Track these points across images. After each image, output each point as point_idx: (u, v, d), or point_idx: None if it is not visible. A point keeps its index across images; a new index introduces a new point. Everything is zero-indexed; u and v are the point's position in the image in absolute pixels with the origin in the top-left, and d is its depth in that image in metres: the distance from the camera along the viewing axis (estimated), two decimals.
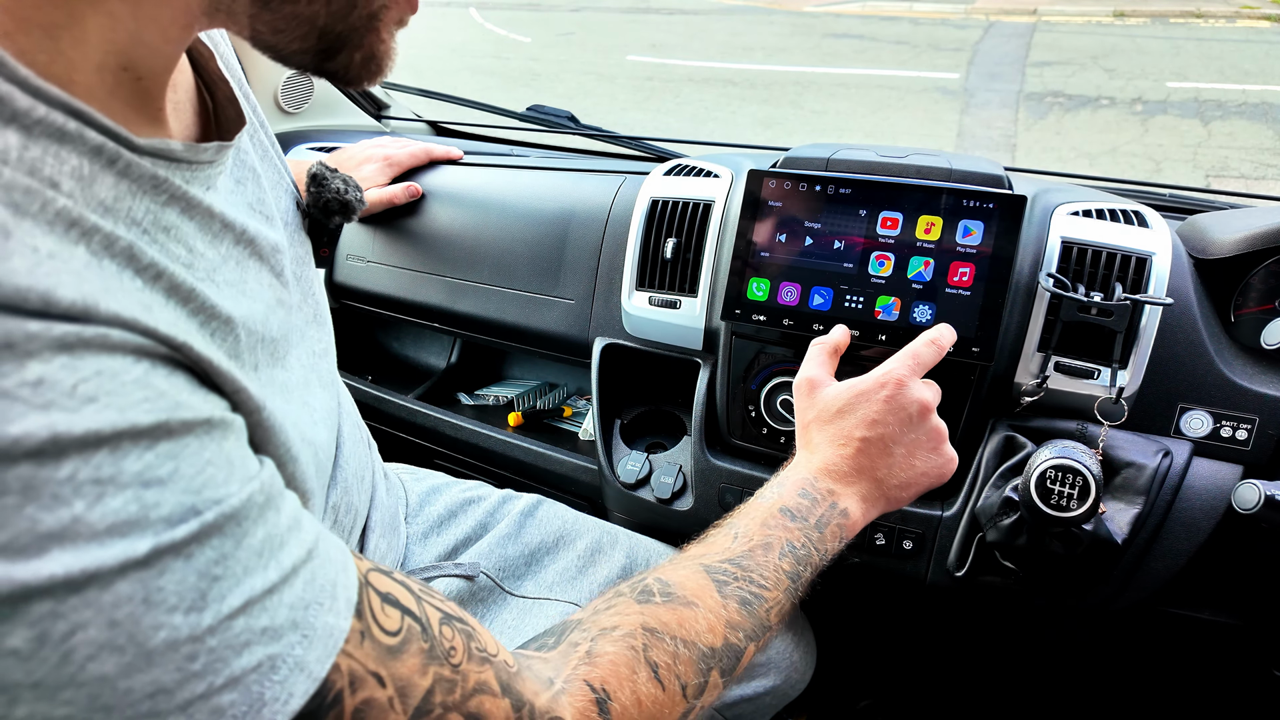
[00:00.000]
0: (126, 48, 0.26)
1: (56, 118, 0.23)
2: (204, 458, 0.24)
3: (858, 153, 0.66)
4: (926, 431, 0.51)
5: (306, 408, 0.35)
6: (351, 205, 0.46)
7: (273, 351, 0.33)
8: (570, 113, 0.99)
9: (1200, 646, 0.74)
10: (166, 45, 0.28)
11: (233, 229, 0.32)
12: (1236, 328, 0.63)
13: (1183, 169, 3.40)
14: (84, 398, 0.21)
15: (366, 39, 0.30)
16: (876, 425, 0.49)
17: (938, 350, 0.53)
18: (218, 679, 0.23)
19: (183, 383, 0.25)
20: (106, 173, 0.25)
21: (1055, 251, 0.60)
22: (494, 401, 0.97)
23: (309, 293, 0.41)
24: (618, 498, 0.74)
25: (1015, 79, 4.73)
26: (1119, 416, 0.58)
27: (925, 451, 0.51)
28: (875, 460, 0.49)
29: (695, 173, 0.73)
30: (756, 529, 0.46)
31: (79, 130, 0.24)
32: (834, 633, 0.83)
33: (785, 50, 5.89)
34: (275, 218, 0.38)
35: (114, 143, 0.25)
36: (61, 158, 0.23)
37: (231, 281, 0.31)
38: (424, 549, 0.59)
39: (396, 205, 0.84)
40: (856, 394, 0.50)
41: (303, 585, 0.26)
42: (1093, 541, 0.56)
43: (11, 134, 0.22)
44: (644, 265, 0.71)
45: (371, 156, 0.83)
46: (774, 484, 0.50)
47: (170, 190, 0.28)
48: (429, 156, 0.87)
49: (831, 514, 0.48)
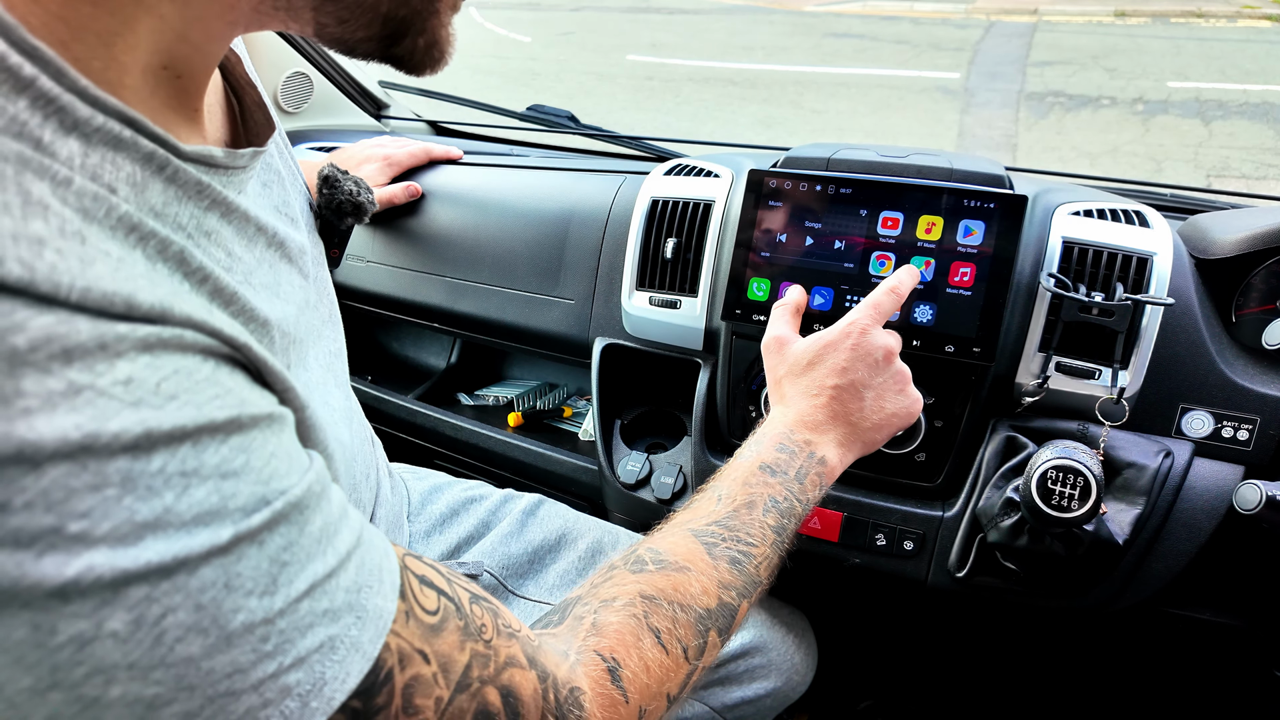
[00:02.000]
0: (170, 46, 0.27)
1: (113, 126, 0.24)
2: (269, 450, 0.25)
3: (858, 152, 0.66)
4: (893, 375, 0.53)
5: (327, 407, 0.36)
6: (364, 207, 0.46)
7: (301, 353, 0.34)
8: (570, 112, 0.99)
9: (1201, 647, 0.74)
10: (209, 44, 0.29)
11: (265, 232, 0.33)
12: (1238, 328, 0.63)
13: (1184, 169, 3.39)
14: (167, 395, 0.22)
15: (429, 23, 0.31)
16: (846, 373, 0.51)
17: (897, 298, 0.54)
18: (286, 659, 0.25)
19: (243, 381, 0.26)
20: (156, 179, 0.26)
21: (1056, 251, 0.60)
22: (494, 402, 0.97)
23: (324, 292, 0.42)
24: (618, 498, 0.74)
25: (1016, 79, 4.73)
26: (1120, 417, 0.58)
27: (893, 393, 0.53)
28: (848, 405, 0.51)
29: (695, 172, 0.73)
30: (739, 489, 0.47)
31: (133, 138, 0.25)
32: (835, 634, 0.83)
33: (786, 50, 5.89)
34: (298, 219, 0.39)
35: (163, 150, 0.26)
36: (117, 164, 0.24)
37: (267, 284, 0.32)
38: (426, 547, 0.59)
39: (396, 205, 0.84)
40: (824, 345, 0.52)
41: (355, 569, 0.28)
42: (1094, 542, 0.56)
43: (74, 142, 0.23)
44: (644, 265, 0.71)
45: (371, 156, 0.83)
46: (752, 441, 0.51)
47: (211, 196, 0.29)
48: (429, 156, 0.87)
49: (810, 464, 0.50)
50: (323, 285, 0.42)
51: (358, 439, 0.47)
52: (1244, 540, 0.60)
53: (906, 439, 0.63)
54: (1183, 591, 0.63)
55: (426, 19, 0.30)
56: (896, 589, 0.66)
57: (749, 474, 0.48)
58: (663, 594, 0.40)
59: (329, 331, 0.40)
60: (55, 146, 0.22)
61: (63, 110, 0.23)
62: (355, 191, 0.46)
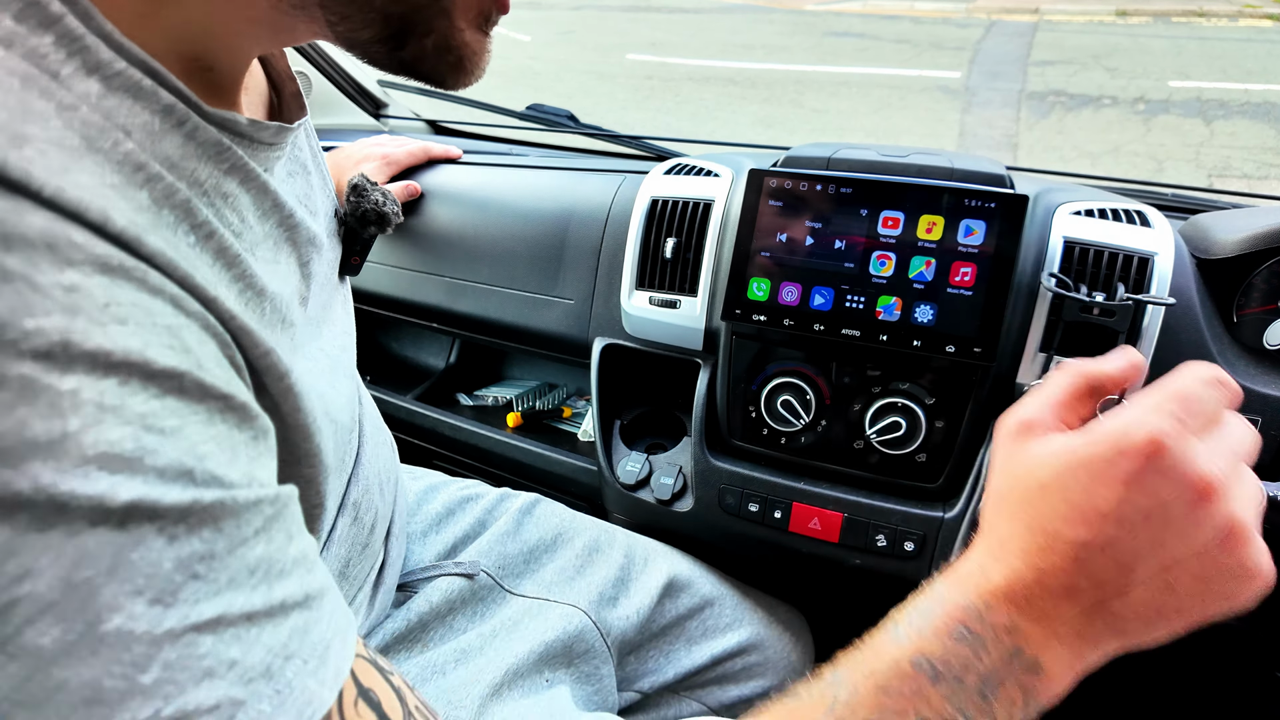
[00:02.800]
0: (197, 38, 0.27)
1: (134, 73, 0.24)
2: (212, 432, 0.22)
3: (859, 152, 0.65)
4: (1212, 532, 0.27)
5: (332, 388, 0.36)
6: (388, 217, 0.46)
7: (293, 336, 0.33)
8: (570, 112, 0.99)
9: (1201, 648, 0.74)
10: (235, 40, 0.29)
11: (280, 210, 0.33)
12: (1239, 328, 0.63)
13: (1185, 168, 3.39)
14: (114, 317, 0.20)
15: (435, 23, 0.29)
16: (1107, 522, 0.28)
17: (1224, 393, 0.31)
18: (166, 707, 0.19)
19: (212, 351, 0.24)
20: (175, 132, 0.26)
21: (1057, 251, 0.60)
22: (493, 402, 0.97)
23: (336, 292, 0.42)
24: (617, 499, 0.74)
25: (1017, 78, 4.72)
26: None
27: (1200, 568, 0.28)
28: (1102, 575, 0.28)
29: (695, 172, 0.73)
30: (870, 698, 0.28)
31: (153, 88, 0.24)
32: (833, 634, 0.83)
33: (786, 49, 5.88)
34: (319, 216, 0.39)
35: (184, 105, 0.26)
36: (134, 111, 0.24)
37: (268, 259, 0.32)
38: (424, 547, 0.59)
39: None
40: (1077, 461, 0.29)
41: (290, 631, 0.23)
42: None
43: (93, 83, 0.23)
44: (644, 265, 0.71)
45: (370, 155, 0.83)
46: (912, 610, 0.31)
47: (233, 160, 0.29)
48: (428, 155, 0.87)
49: (1009, 668, 0.29)
50: (330, 287, 0.41)
51: (373, 442, 0.47)
52: None
53: (907, 440, 0.62)
54: None
55: (431, 19, 0.29)
56: (896, 590, 0.66)
57: (894, 672, 0.29)
58: None
59: (329, 331, 0.39)
60: (72, 82, 0.22)
61: (86, 50, 0.22)
62: (381, 202, 0.46)
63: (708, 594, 0.64)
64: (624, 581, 0.61)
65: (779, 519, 0.66)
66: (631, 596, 0.60)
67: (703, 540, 0.71)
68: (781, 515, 0.66)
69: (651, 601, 0.61)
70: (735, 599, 0.66)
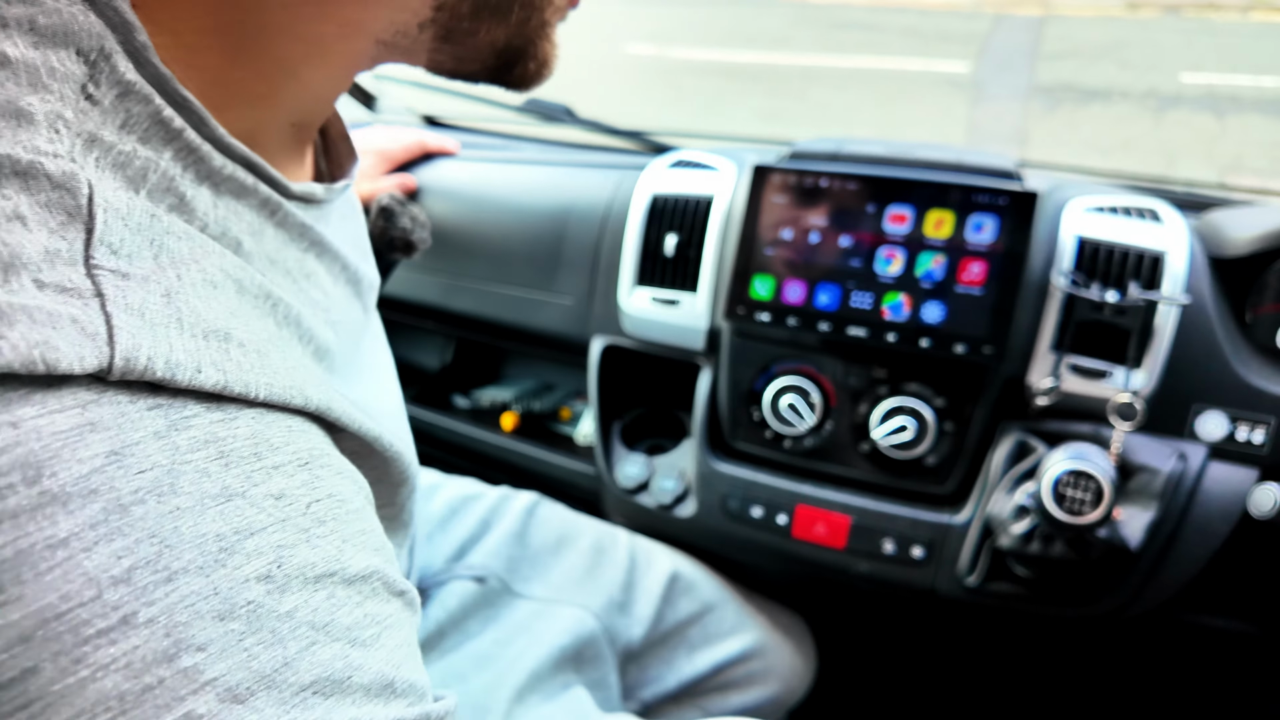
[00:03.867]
0: (306, 106, 0.28)
1: (239, 173, 0.24)
2: (403, 636, 0.22)
3: (865, 146, 0.64)
4: None
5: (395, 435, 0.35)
6: (414, 245, 0.45)
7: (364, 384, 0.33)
8: (567, 105, 0.97)
9: (1216, 654, 0.73)
10: (334, 96, 0.30)
11: (347, 268, 0.32)
12: (1252, 328, 0.61)
13: (1197, 164, 3.35)
14: (316, 519, 0.20)
15: (540, 47, 0.30)
16: None
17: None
18: None
19: (371, 518, 0.24)
20: (269, 223, 0.26)
21: (1068, 248, 0.58)
22: (489, 403, 0.96)
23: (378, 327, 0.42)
24: (617, 503, 0.73)
25: (1026, 71, 4.68)
26: (1134, 418, 0.56)
27: None
28: None
29: (697, 167, 0.72)
30: None
31: (254, 184, 0.25)
32: (839, 642, 0.82)
33: (790, 40, 5.84)
34: (368, 251, 0.39)
35: (276, 193, 0.26)
36: (239, 212, 0.24)
37: (347, 320, 0.32)
38: (432, 550, 0.59)
39: None
40: None
41: None
42: (1107, 548, 0.55)
43: (205, 190, 0.23)
44: (644, 262, 0.69)
45: (364, 151, 0.82)
46: None
47: (311, 236, 0.29)
48: (423, 149, 0.85)
49: None
50: (375, 318, 0.41)
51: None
52: (1259, 545, 0.59)
53: (915, 443, 0.61)
54: (1197, 598, 0.62)
55: (539, 44, 0.30)
56: (903, 596, 0.64)
57: None
58: None
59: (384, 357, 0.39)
60: (191, 198, 0.22)
61: (200, 160, 0.22)
62: (410, 229, 0.45)
63: (709, 599, 0.64)
64: (630, 585, 0.61)
65: (783, 524, 0.65)
66: (637, 601, 0.61)
67: (705, 546, 0.70)
68: (785, 520, 0.65)
69: (655, 605, 0.61)
70: (736, 604, 0.65)
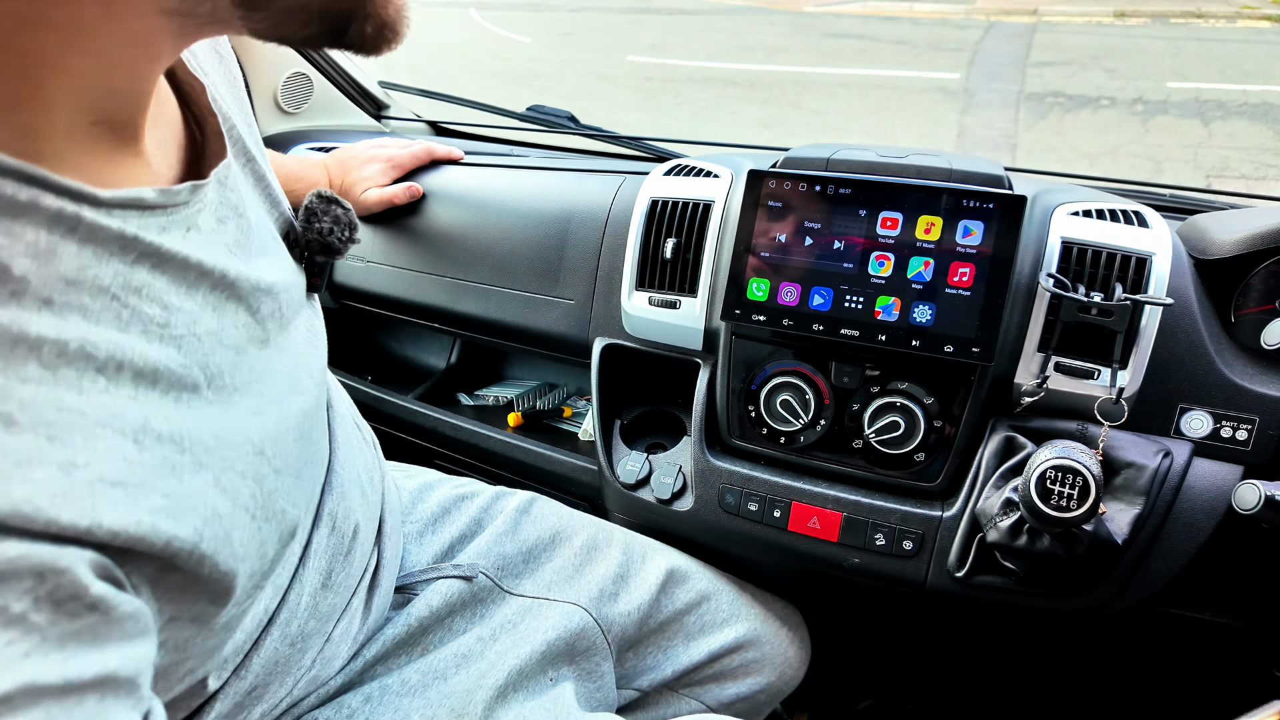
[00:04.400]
0: (97, 101, 0.25)
1: (7, 187, 0.21)
2: None
3: (858, 153, 0.66)
4: None
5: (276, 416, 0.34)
6: (332, 246, 0.43)
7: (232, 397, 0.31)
8: (570, 113, 0.99)
9: (1201, 648, 0.74)
10: (139, 84, 0.27)
11: (211, 275, 0.30)
12: (1237, 328, 0.63)
13: (1183, 169, 3.39)
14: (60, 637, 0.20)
15: (371, 8, 0.28)
16: None
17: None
18: None
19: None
20: (68, 241, 0.23)
21: (1055, 251, 0.60)
22: (494, 402, 0.97)
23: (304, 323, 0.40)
24: (618, 498, 0.74)
25: (1016, 79, 4.73)
26: (1119, 417, 0.58)
27: None
28: None
29: (695, 173, 0.73)
30: None
31: (33, 199, 0.22)
32: (832, 632, 0.83)
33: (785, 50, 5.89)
34: (267, 252, 0.37)
35: (75, 204, 0.23)
36: (14, 234, 0.21)
37: (211, 331, 0.30)
38: (420, 548, 0.59)
39: (397, 205, 0.84)
40: None
41: None
42: (1093, 542, 0.56)
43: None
44: (644, 265, 0.71)
45: (375, 157, 0.83)
46: None
47: (139, 247, 0.26)
48: (430, 156, 0.87)
49: None
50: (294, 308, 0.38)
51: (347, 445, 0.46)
52: (1243, 540, 0.60)
53: (906, 440, 0.63)
54: (1182, 592, 0.63)
55: (366, 5, 0.28)
56: (894, 588, 0.66)
57: None
58: None
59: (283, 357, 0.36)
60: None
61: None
62: (327, 230, 0.42)
63: (705, 588, 0.65)
64: (623, 578, 0.61)
65: (778, 518, 0.66)
66: (631, 591, 0.61)
67: (702, 540, 0.72)
68: (780, 514, 0.66)
69: (651, 596, 0.61)
70: (732, 593, 0.66)
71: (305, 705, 0.45)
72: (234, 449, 0.29)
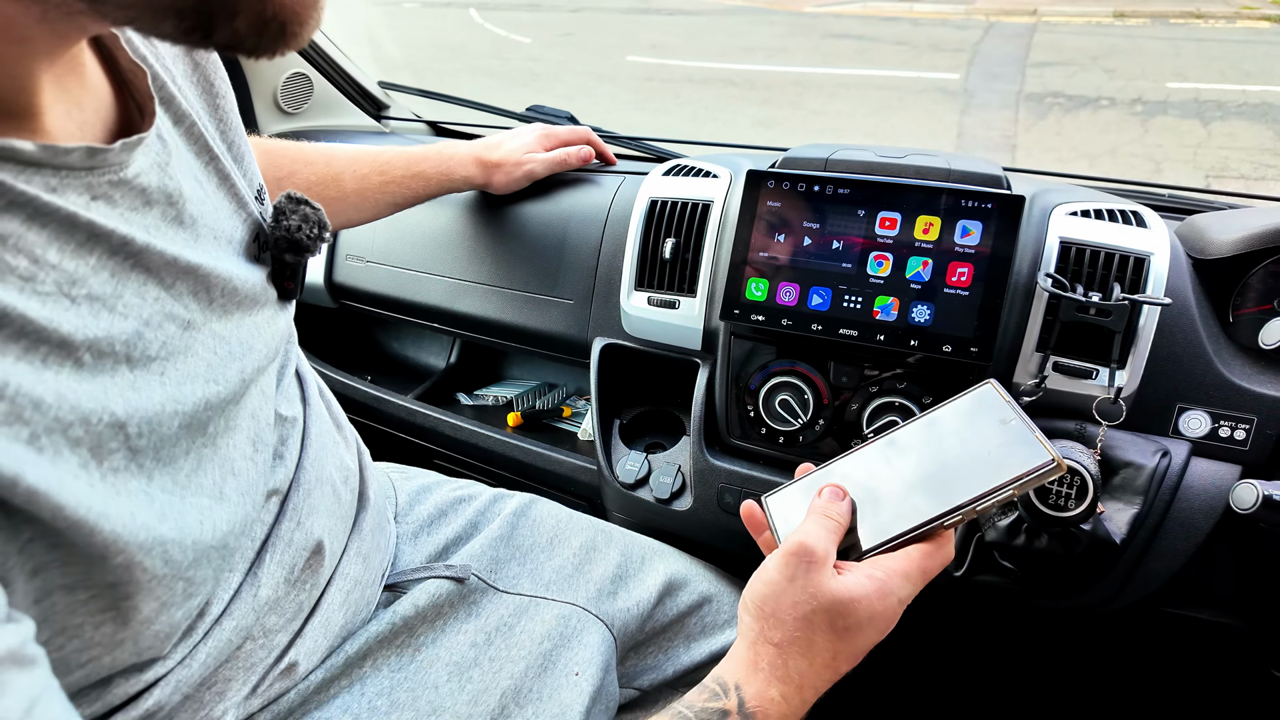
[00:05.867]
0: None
1: None
2: None
3: (856, 153, 0.66)
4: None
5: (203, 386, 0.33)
6: (301, 244, 0.42)
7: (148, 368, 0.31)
8: (570, 113, 0.99)
9: (1199, 646, 0.74)
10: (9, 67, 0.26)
11: (108, 239, 0.29)
12: (1235, 328, 0.63)
13: (1183, 169, 3.40)
14: None
15: (237, 5, 0.25)
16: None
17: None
18: None
19: None
20: None
21: (1054, 251, 0.60)
22: (493, 402, 0.98)
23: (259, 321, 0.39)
24: (617, 498, 0.74)
25: (1015, 79, 4.73)
26: (1117, 416, 0.58)
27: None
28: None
29: (694, 173, 0.73)
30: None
31: None
32: None
33: (785, 51, 5.89)
34: (214, 245, 0.36)
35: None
36: None
37: (99, 295, 0.29)
38: (414, 549, 0.58)
39: (570, 168, 0.81)
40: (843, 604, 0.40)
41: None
42: (1091, 541, 0.56)
43: None
44: (643, 265, 0.71)
45: (531, 128, 0.81)
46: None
47: (9, 195, 0.26)
48: (588, 138, 0.83)
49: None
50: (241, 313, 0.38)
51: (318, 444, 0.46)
52: (1241, 540, 0.61)
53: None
54: (1180, 591, 0.63)
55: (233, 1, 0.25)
56: None
57: None
58: None
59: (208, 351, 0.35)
60: None
61: None
62: (295, 228, 0.41)
63: (705, 591, 0.64)
64: (622, 578, 0.61)
65: None
66: (630, 592, 0.60)
67: (701, 539, 0.72)
68: None
69: (651, 599, 0.61)
70: (733, 595, 0.66)
71: (285, 704, 0.44)
72: (79, 414, 0.28)
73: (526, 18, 7.33)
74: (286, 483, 0.43)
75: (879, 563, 0.41)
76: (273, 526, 0.41)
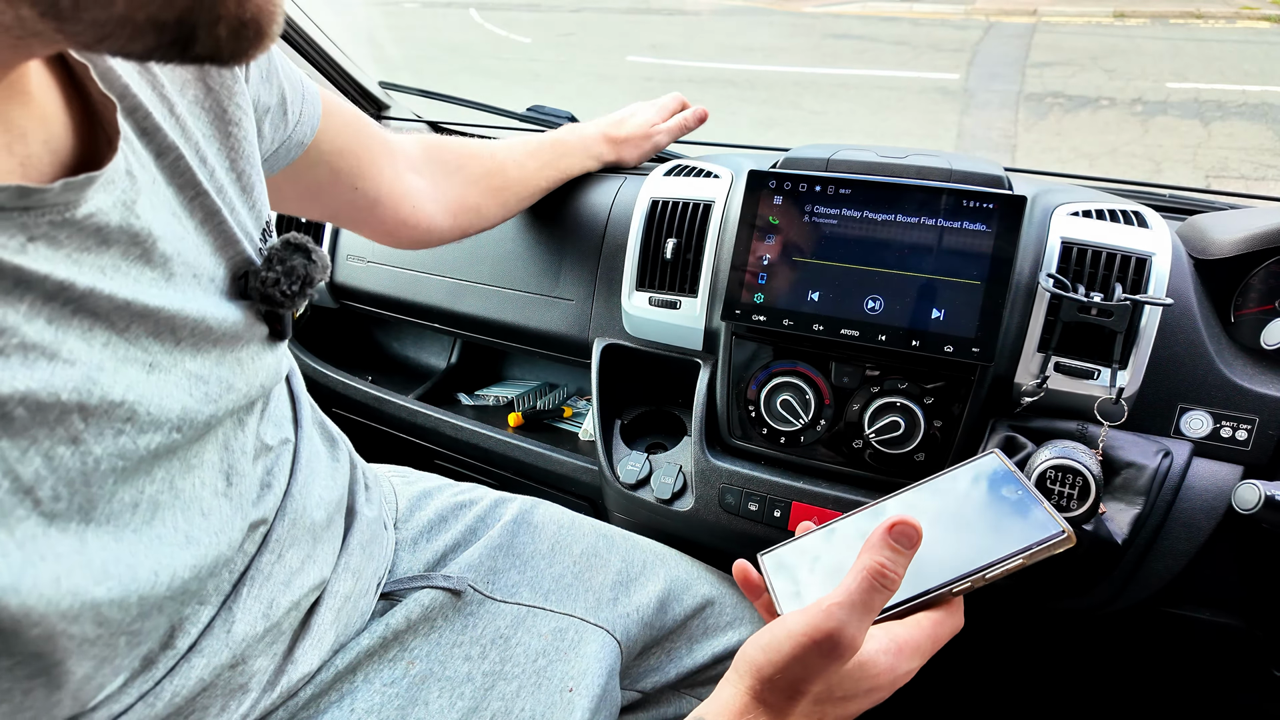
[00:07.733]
0: None
1: None
2: None
3: (857, 153, 0.66)
4: None
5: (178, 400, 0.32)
6: (274, 299, 0.39)
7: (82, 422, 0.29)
8: (570, 113, 0.99)
9: (1200, 647, 0.74)
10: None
11: (41, 284, 0.28)
12: (1236, 328, 0.63)
13: (1183, 169, 3.40)
14: None
15: (222, 9, 0.24)
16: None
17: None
18: None
19: None
20: None
21: (1055, 252, 0.60)
22: (494, 402, 0.98)
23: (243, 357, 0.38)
24: (618, 498, 0.74)
25: (1015, 79, 4.73)
26: (1119, 417, 0.58)
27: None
28: None
29: (695, 173, 0.73)
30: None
31: None
32: None
33: (785, 51, 5.90)
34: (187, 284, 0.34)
35: None
36: None
37: (35, 344, 0.27)
38: (413, 556, 0.58)
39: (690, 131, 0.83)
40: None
41: None
42: (1093, 542, 0.56)
43: None
44: (644, 265, 0.71)
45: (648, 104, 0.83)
46: None
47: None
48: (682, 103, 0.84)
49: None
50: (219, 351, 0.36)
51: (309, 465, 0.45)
52: (1243, 540, 0.61)
53: (906, 440, 0.63)
54: (1182, 591, 0.63)
55: (214, 7, 0.24)
56: None
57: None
58: None
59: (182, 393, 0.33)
60: None
61: None
62: (272, 281, 0.38)
63: (707, 594, 0.64)
64: (623, 584, 0.61)
65: (778, 518, 0.66)
66: (632, 597, 0.60)
67: (702, 540, 0.72)
68: (781, 514, 0.66)
69: (653, 605, 0.60)
70: (735, 598, 0.66)
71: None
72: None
73: (526, 18, 7.34)
74: (273, 511, 0.41)
75: (893, 634, 0.38)
76: (253, 559, 0.40)
